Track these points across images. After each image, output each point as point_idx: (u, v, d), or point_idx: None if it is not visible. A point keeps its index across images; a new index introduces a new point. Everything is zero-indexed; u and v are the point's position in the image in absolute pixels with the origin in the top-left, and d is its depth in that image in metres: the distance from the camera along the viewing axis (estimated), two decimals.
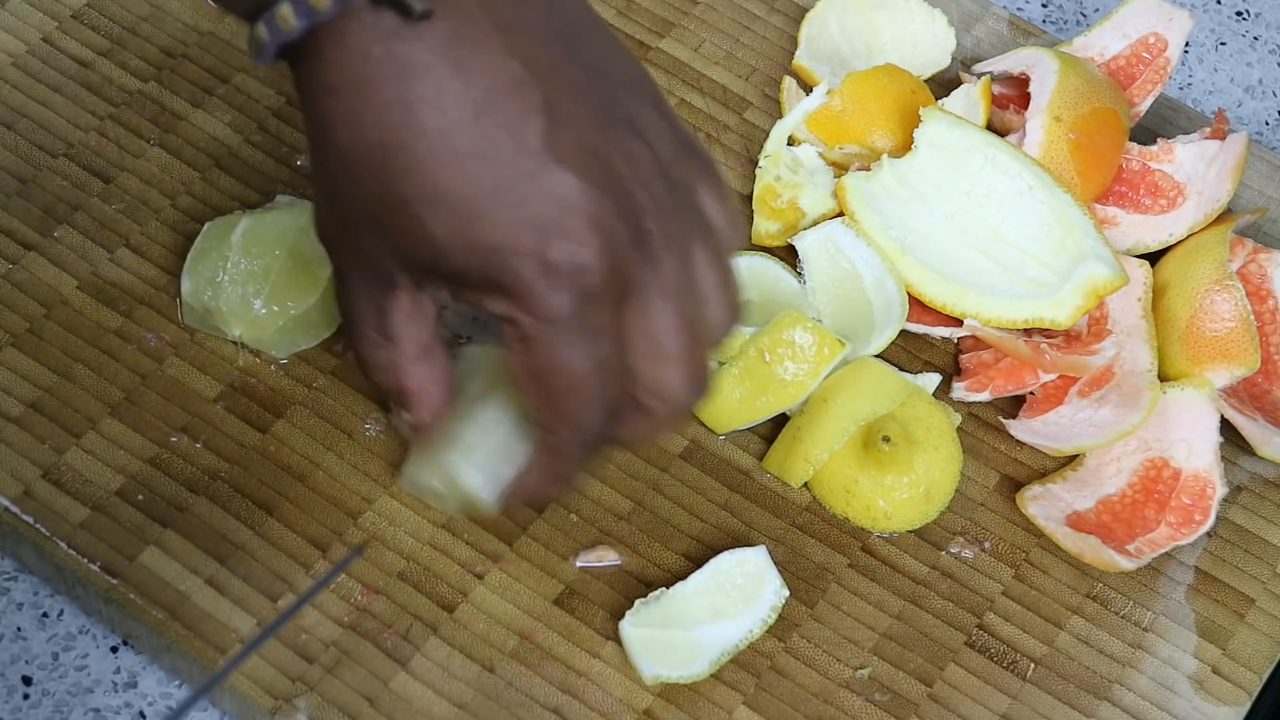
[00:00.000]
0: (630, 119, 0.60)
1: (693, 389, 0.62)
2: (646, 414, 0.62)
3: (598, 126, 0.58)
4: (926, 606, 0.74)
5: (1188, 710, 0.73)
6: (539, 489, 0.65)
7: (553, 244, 0.57)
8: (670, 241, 0.60)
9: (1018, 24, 0.93)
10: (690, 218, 0.61)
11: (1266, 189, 0.89)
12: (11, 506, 0.71)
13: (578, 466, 0.64)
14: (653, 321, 0.60)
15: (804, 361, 0.75)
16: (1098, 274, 0.77)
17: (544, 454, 0.63)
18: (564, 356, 0.59)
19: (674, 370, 0.61)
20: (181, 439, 0.73)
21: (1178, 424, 0.78)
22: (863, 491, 0.75)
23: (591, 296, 0.58)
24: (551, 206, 0.57)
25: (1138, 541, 0.76)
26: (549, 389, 0.60)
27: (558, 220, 0.57)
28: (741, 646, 0.71)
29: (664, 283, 0.60)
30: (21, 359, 0.74)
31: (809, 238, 0.80)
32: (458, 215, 0.57)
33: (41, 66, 0.83)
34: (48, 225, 0.78)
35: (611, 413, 0.61)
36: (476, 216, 0.57)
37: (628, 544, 0.74)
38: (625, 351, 0.60)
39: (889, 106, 0.84)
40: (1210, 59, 0.99)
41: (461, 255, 0.58)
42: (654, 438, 0.69)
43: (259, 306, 0.75)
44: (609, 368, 0.60)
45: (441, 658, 0.70)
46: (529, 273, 0.57)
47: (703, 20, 0.91)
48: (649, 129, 0.61)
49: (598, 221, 0.57)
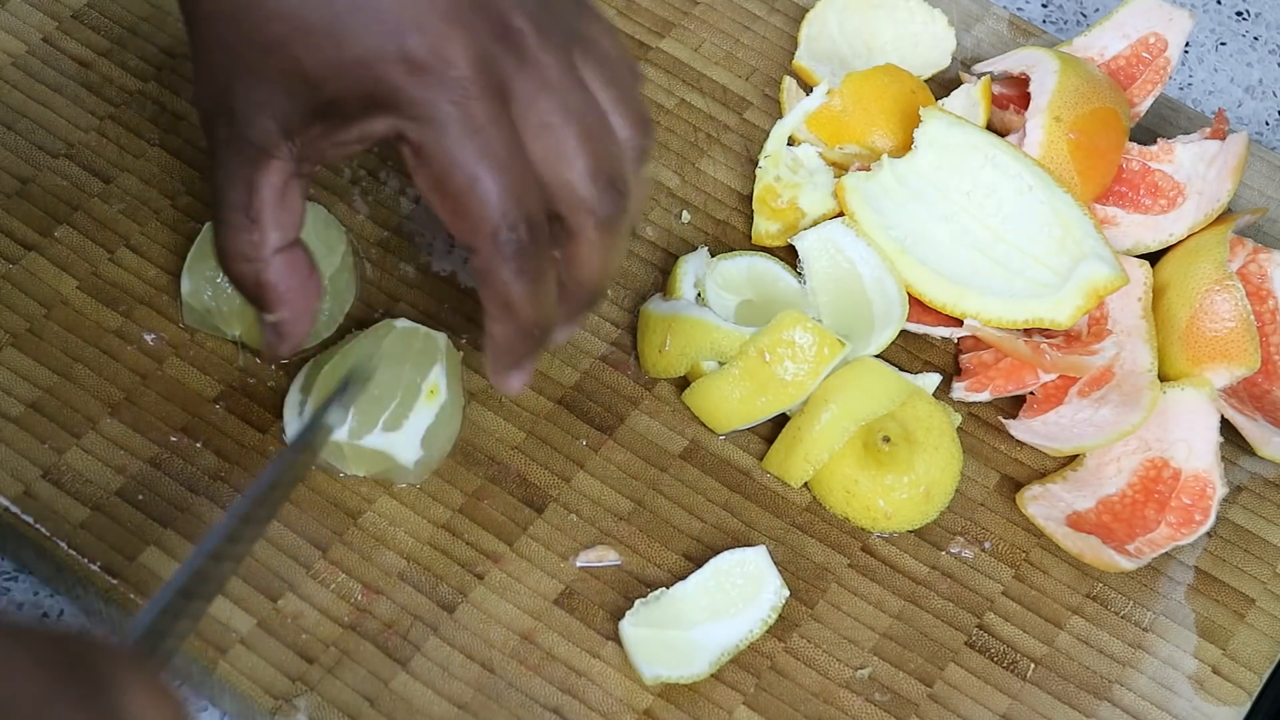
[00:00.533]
0: None
1: (607, 192, 0.62)
2: (572, 230, 0.62)
3: None
4: (926, 606, 0.74)
5: (1188, 710, 0.73)
6: (495, 335, 0.64)
7: (411, 42, 0.58)
8: (546, 41, 0.60)
9: (1018, 24, 0.93)
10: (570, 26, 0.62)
11: (1266, 189, 0.89)
12: (11, 506, 0.71)
13: (528, 298, 0.62)
14: (541, 117, 0.60)
15: (804, 361, 0.75)
16: (1098, 274, 0.77)
17: (482, 285, 0.62)
18: (455, 155, 0.59)
19: (578, 168, 0.61)
20: (181, 439, 0.73)
21: (1178, 424, 0.78)
22: (863, 491, 0.75)
23: (465, 91, 0.59)
24: (404, 8, 0.58)
25: (1138, 541, 0.76)
26: (453, 197, 0.60)
27: (412, 19, 0.58)
28: (741, 646, 0.71)
29: (545, 78, 0.60)
30: (21, 359, 0.74)
31: (809, 238, 0.80)
32: (322, 42, 0.59)
33: (41, 66, 0.83)
34: (48, 225, 0.78)
35: (534, 227, 0.61)
36: (339, 37, 0.59)
37: (628, 544, 0.74)
38: (526, 158, 0.60)
39: (889, 106, 0.84)
40: (1210, 59, 0.99)
41: (333, 80, 0.59)
42: (593, 263, 0.64)
43: None
44: (506, 166, 0.60)
45: (441, 658, 0.70)
46: (397, 77, 0.59)
47: (703, 20, 0.91)
48: None
49: (453, 15, 0.58)
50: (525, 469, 0.75)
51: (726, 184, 0.85)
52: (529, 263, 0.61)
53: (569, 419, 0.76)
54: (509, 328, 0.64)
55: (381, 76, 0.59)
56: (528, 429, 0.76)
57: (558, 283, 0.64)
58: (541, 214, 0.61)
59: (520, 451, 0.75)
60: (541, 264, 0.62)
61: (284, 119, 0.61)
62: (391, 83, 0.59)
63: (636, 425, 0.77)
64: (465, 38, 0.59)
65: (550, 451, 0.76)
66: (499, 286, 0.62)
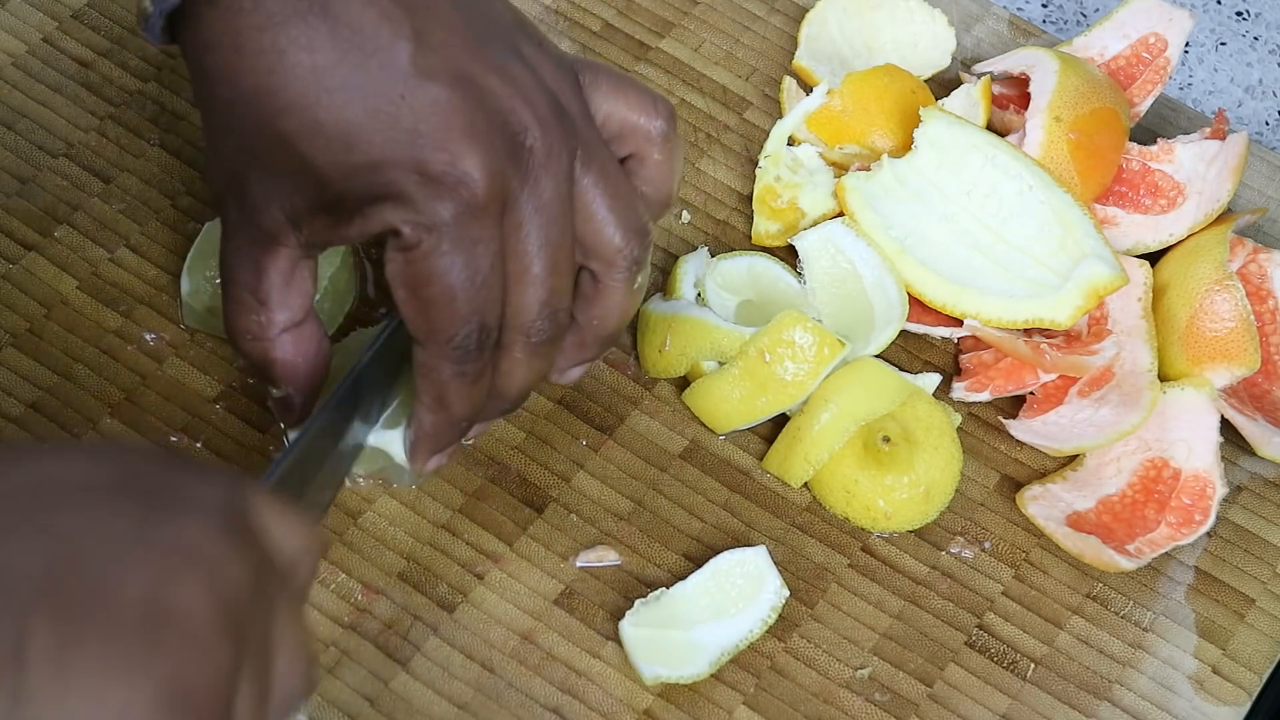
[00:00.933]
0: (508, 48, 0.62)
1: (548, 320, 0.64)
2: (508, 348, 0.64)
3: (470, 51, 0.61)
4: (926, 606, 0.74)
5: (1188, 710, 0.73)
6: (424, 422, 0.66)
7: (429, 155, 0.59)
8: (550, 159, 0.61)
9: (1018, 24, 0.93)
10: (577, 136, 0.63)
11: (1266, 189, 0.89)
12: None
13: (463, 396, 0.64)
14: (521, 242, 0.61)
15: (804, 361, 0.75)
16: (1098, 274, 0.77)
17: (422, 377, 0.64)
18: (442, 266, 0.60)
19: (531, 294, 0.62)
20: (181, 439, 0.73)
21: (1178, 424, 0.78)
22: (863, 491, 0.75)
23: (472, 208, 0.60)
24: (424, 121, 0.59)
25: (1138, 541, 0.76)
26: (424, 301, 0.61)
27: (432, 133, 0.59)
28: (741, 646, 0.71)
29: (539, 202, 0.61)
30: (21, 359, 0.74)
31: (809, 238, 0.80)
32: (335, 143, 0.59)
33: (41, 66, 0.83)
34: (48, 225, 0.78)
35: (485, 334, 0.62)
36: (353, 141, 0.59)
37: (628, 544, 0.74)
38: (502, 271, 0.62)
39: (889, 106, 0.84)
40: (1210, 59, 0.99)
41: (342, 181, 0.60)
42: (523, 382, 0.67)
43: None
44: (485, 283, 0.61)
45: (441, 658, 0.70)
46: (409, 184, 0.59)
47: (703, 20, 0.91)
48: (530, 57, 0.63)
49: (472, 133, 0.59)
50: (525, 469, 0.75)
51: (726, 184, 0.85)
52: (471, 366, 0.64)
53: (569, 419, 0.76)
54: (439, 418, 0.66)
55: (392, 180, 0.60)
56: (528, 429, 0.76)
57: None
58: (495, 323, 0.63)
59: (520, 451, 0.75)
60: (482, 366, 0.64)
61: (292, 210, 0.62)
62: (401, 187, 0.60)
63: (636, 425, 0.77)
64: (482, 158, 0.60)
65: (550, 451, 0.76)
66: (438, 380, 0.64)
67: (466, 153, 0.59)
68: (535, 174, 0.61)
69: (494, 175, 0.60)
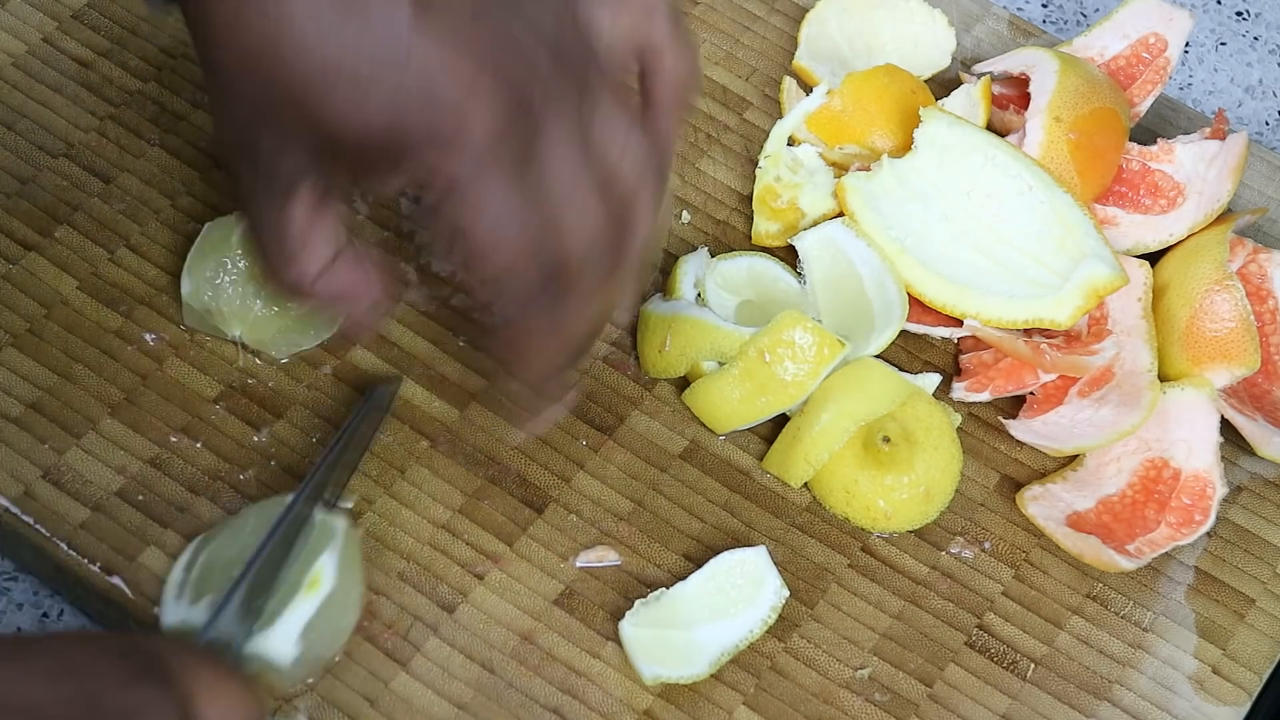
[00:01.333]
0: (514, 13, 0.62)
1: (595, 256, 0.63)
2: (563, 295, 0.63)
3: (471, 14, 0.60)
4: (926, 606, 0.74)
5: (1188, 710, 0.73)
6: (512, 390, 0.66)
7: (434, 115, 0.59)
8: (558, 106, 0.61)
9: (1018, 24, 0.93)
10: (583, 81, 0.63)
11: (1266, 189, 0.89)
12: (11, 507, 0.71)
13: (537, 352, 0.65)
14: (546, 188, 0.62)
15: (804, 361, 0.75)
16: (1098, 274, 0.77)
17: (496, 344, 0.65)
18: (471, 215, 0.61)
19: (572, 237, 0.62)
20: (181, 439, 0.73)
21: (1178, 424, 0.78)
22: (863, 491, 0.75)
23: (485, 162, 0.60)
24: (426, 82, 0.59)
25: (1138, 541, 0.76)
26: (468, 251, 0.61)
27: (435, 93, 0.59)
28: (741, 646, 0.71)
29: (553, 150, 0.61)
30: (21, 359, 0.74)
31: (809, 238, 0.80)
32: (343, 103, 0.59)
33: (41, 66, 0.83)
34: (48, 225, 0.78)
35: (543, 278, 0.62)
36: (361, 101, 0.59)
37: (628, 544, 0.74)
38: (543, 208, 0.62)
39: (889, 106, 0.84)
40: (1210, 59, 0.99)
41: (356, 136, 0.60)
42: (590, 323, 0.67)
43: (259, 307, 0.75)
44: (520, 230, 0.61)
45: (441, 658, 0.70)
46: (422, 144, 0.60)
47: (703, 20, 0.91)
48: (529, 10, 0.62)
49: (475, 91, 0.59)
50: (525, 469, 0.75)
51: (726, 184, 0.85)
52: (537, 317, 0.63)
53: (569, 419, 0.76)
54: (527, 376, 0.66)
55: (406, 144, 0.60)
56: None
57: None
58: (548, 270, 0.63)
59: (520, 451, 0.75)
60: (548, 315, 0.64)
61: (306, 157, 0.62)
62: (415, 149, 0.60)
63: (636, 425, 0.77)
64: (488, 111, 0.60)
65: (550, 451, 0.76)
66: (513, 341, 0.64)
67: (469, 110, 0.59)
68: (545, 125, 0.61)
69: (503, 130, 0.60)
